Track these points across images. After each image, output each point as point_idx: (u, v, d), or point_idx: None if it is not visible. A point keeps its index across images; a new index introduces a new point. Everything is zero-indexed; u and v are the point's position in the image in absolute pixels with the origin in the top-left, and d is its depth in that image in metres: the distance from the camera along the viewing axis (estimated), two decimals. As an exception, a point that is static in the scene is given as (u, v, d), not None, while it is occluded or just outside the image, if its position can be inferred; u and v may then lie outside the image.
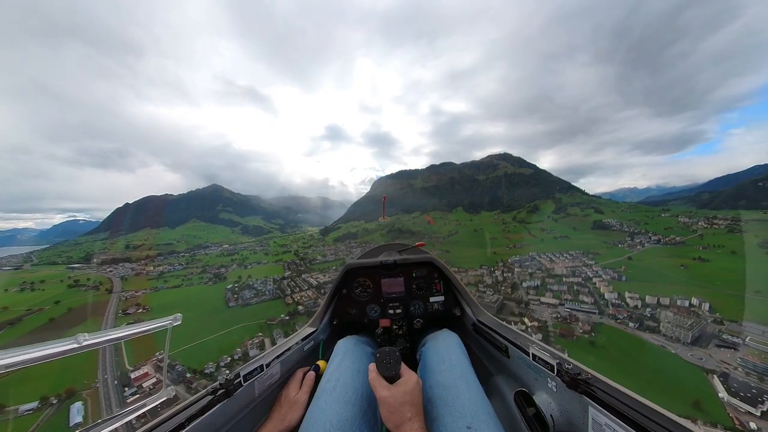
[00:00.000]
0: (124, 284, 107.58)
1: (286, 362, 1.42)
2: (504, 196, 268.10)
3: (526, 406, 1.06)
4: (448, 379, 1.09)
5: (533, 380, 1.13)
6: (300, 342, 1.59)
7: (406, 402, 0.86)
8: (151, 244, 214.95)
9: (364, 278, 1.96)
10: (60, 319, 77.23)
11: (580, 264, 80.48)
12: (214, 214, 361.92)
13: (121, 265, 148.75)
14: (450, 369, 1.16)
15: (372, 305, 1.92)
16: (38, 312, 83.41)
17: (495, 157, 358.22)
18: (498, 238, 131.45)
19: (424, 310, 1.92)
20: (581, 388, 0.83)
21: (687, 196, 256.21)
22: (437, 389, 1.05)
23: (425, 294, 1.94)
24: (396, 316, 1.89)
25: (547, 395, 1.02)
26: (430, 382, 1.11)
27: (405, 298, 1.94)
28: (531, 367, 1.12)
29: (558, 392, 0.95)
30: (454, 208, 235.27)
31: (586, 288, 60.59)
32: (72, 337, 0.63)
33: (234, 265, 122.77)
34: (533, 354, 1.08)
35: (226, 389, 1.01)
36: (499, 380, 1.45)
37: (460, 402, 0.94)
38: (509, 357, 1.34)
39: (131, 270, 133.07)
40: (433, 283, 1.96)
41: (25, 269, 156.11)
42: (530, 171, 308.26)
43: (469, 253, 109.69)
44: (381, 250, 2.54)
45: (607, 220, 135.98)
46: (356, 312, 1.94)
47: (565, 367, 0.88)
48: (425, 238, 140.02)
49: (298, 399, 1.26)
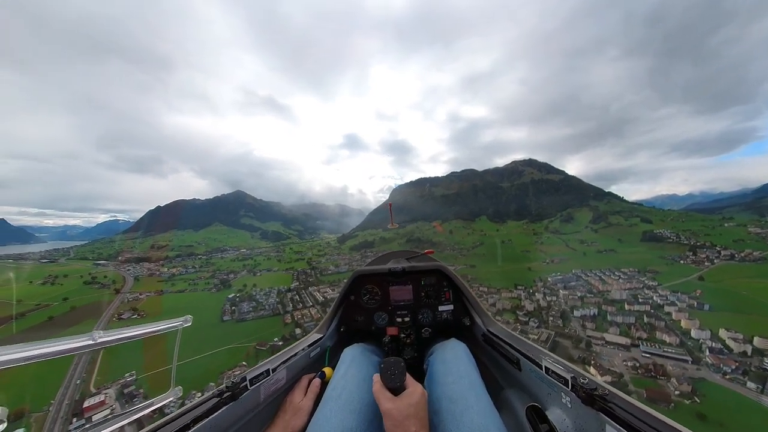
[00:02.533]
0: (135, 285, 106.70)
1: (292, 368, 1.41)
2: (532, 204, 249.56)
3: (538, 422, 1.01)
4: (456, 391, 1.04)
5: (546, 395, 1.07)
6: (306, 348, 1.57)
7: (410, 415, 0.82)
8: (173, 246, 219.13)
9: (372, 285, 1.93)
10: (58, 318, 74.90)
11: (640, 285, 66.07)
12: (236, 219, 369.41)
13: (140, 264, 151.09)
14: (458, 381, 1.11)
15: (380, 313, 1.90)
16: (45, 308, 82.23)
17: (519, 163, 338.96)
18: (531, 252, 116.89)
19: (433, 319, 1.88)
20: (598, 405, 0.78)
21: (742, 203, 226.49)
22: (444, 401, 1.00)
23: (434, 302, 1.90)
24: (404, 324, 1.86)
25: (561, 411, 0.97)
26: (437, 394, 1.07)
27: (413, 306, 1.90)
28: (544, 381, 1.07)
29: (573, 408, 0.91)
30: (477, 217, 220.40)
31: (661, 321, 47.13)
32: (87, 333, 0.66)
33: (244, 271, 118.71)
34: (546, 367, 1.04)
35: (232, 392, 1.01)
36: (509, 394, 1.39)
37: (468, 416, 0.90)
38: (521, 370, 1.29)
39: (147, 270, 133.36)
40: (442, 292, 1.92)
41: (59, 263, 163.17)
42: (559, 177, 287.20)
43: (498, 268, 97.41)
44: (389, 257, 2.45)
45: (659, 230, 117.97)
46: (363, 319, 1.91)
47: (580, 382, 0.85)
48: (447, 249, 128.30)
49: (303, 406, 1.25)
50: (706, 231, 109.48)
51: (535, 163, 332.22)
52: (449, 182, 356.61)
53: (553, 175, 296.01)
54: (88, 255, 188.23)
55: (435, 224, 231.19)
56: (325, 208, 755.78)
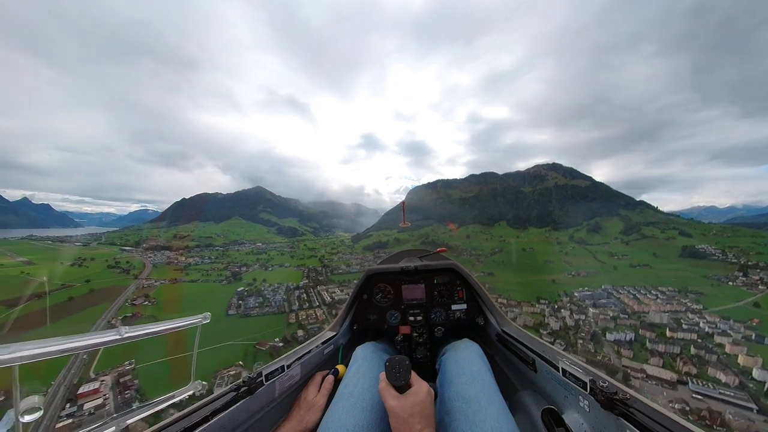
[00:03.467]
0: (152, 271, 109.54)
1: (306, 364, 1.44)
2: (555, 211, 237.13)
3: (554, 425, 0.98)
4: (468, 392, 1.03)
5: (563, 398, 1.05)
6: (320, 345, 1.60)
7: (415, 413, 0.83)
8: (194, 236, 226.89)
9: (384, 284, 1.94)
10: (77, 299, 77.85)
11: (682, 308, 58.95)
12: (255, 214, 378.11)
13: (161, 252, 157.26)
14: (471, 381, 1.10)
15: (392, 312, 1.90)
16: (68, 288, 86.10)
17: (543, 167, 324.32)
18: (555, 262, 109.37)
19: (446, 318, 1.87)
20: (618, 410, 0.75)
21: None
22: (457, 402, 1.00)
23: (447, 301, 1.90)
24: (416, 323, 1.86)
25: (578, 415, 0.95)
26: (450, 394, 1.07)
27: (426, 305, 1.90)
28: (560, 384, 1.05)
29: (591, 412, 0.88)
30: (496, 222, 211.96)
31: (713, 354, 40.83)
32: (115, 329, 0.72)
33: (256, 265, 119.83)
34: (563, 369, 1.02)
35: (248, 387, 1.04)
36: (524, 396, 1.37)
37: (481, 417, 0.89)
38: (536, 371, 1.27)
39: (166, 258, 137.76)
40: (456, 291, 1.91)
41: (90, 246, 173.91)
42: (586, 183, 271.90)
43: (519, 278, 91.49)
44: (402, 256, 2.45)
45: (701, 245, 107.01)
46: (376, 318, 1.91)
47: (599, 385, 0.82)
48: (464, 254, 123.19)
49: (317, 402, 1.28)
50: (758, 248, 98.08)
51: (559, 168, 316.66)
52: (468, 185, 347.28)
53: (579, 181, 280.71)
54: (116, 241, 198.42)
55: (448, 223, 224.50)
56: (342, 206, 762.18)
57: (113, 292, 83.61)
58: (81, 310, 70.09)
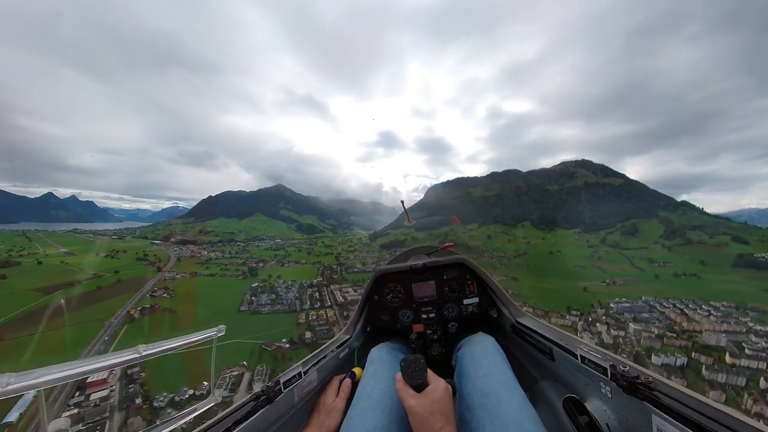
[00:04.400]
0: (176, 264, 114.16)
1: (322, 369, 1.44)
2: (585, 211, 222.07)
3: (577, 414, 0.97)
4: (487, 386, 1.03)
5: (584, 385, 1.04)
6: (335, 349, 1.60)
7: (435, 411, 0.83)
8: (218, 231, 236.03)
9: (394, 284, 1.93)
10: (104, 289, 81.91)
11: (742, 328, 51.02)
12: (276, 211, 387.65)
13: (186, 246, 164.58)
14: (489, 374, 1.10)
15: (404, 311, 1.90)
16: (98, 278, 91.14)
17: (571, 164, 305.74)
18: (587, 268, 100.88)
19: (459, 313, 1.87)
20: (641, 394, 0.74)
21: None
22: (476, 396, 0.99)
23: (458, 296, 1.90)
24: (429, 320, 1.86)
25: (600, 402, 0.94)
26: (468, 389, 1.06)
27: (437, 301, 1.90)
28: (580, 371, 1.04)
29: (614, 398, 0.87)
30: (519, 223, 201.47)
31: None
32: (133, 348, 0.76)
33: (273, 261, 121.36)
34: (582, 356, 1.01)
35: (267, 396, 1.04)
36: (544, 386, 1.37)
37: (502, 410, 0.89)
38: (554, 360, 1.26)
39: (190, 252, 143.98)
40: (466, 285, 1.91)
41: (125, 240, 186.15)
42: (619, 181, 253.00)
43: (546, 284, 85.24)
44: (410, 254, 2.44)
45: (760, 254, 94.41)
46: (389, 318, 1.91)
47: (620, 370, 0.81)
48: (485, 256, 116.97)
49: (336, 406, 1.28)
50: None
51: (589, 165, 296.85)
52: (489, 183, 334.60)
53: (611, 179, 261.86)
54: (148, 235, 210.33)
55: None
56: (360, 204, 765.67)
57: (137, 283, 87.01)
58: (105, 300, 72.90)
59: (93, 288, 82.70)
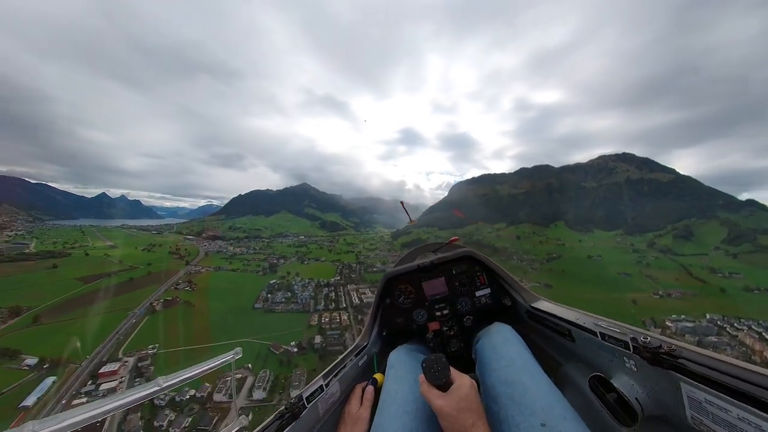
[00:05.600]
0: (203, 259, 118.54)
1: (343, 380, 1.43)
2: (628, 210, 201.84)
3: (605, 392, 0.95)
4: (510, 375, 1.02)
5: (608, 362, 1.03)
6: (354, 358, 1.59)
7: (463, 408, 0.81)
8: (246, 228, 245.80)
9: (404, 285, 1.93)
10: (136, 280, 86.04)
11: None
12: (300, 208, 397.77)
13: (215, 241, 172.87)
14: (511, 363, 1.09)
15: (418, 310, 1.88)
16: (133, 270, 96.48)
17: (610, 159, 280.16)
18: (633, 276, 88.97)
19: (472, 306, 1.86)
20: (667, 363, 0.72)
21: None
22: (500, 387, 0.99)
23: (470, 289, 1.88)
24: (444, 317, 1.84)
25: (627, 377, 0.92)
26: (491, 381, 1.05)
27: (449, 297, 1.89)
28: (602, 348, 1.03)
29: (639, 372, 0.86)
30: (552, 223, 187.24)
31: None
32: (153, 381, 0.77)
33: (294, 257, 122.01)
34: (601, 333, 0.99)
35: (292, 412, 1.04)
36: (568, 368, 1.36)
37: (528, 398, 0.88)
38: (574, 341, 1.24)
39: (218, 247, 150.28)
40: (476, 277, 1.90)
41: (163, 235, 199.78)
42: (668, 177, 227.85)
43: (587, 294, 76.50)
44: (416, 254, 2.42)
45: None
46: (403, 320, 1.89)
47: (641, 342, 0.79)
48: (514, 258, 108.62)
49: (361, 415, 1.27)
50: None
51: (631, 159, 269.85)
52: (518, 179, 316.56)
53: (658, 174, 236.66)
54: (183, 230, 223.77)
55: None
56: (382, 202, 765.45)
57: (165, 276, 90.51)
58: (135, 290, 76.51)
59: (126, 279, 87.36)
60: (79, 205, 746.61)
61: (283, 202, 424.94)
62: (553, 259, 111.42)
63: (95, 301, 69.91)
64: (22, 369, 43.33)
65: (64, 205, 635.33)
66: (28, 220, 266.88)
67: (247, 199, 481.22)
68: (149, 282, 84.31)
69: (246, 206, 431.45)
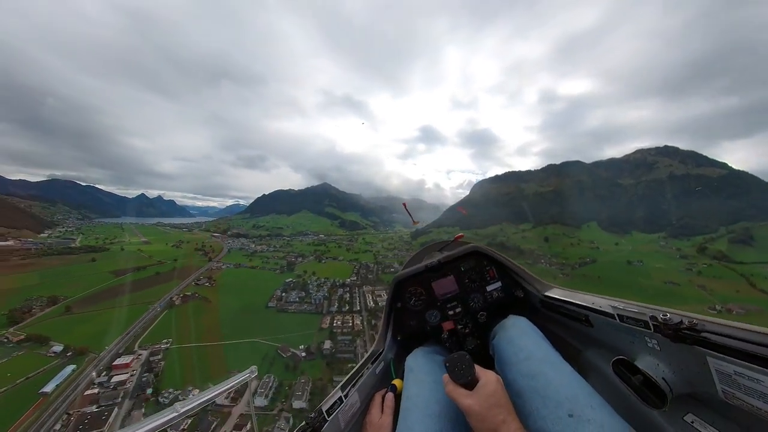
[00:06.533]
0: (225, 256, 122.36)
1: (362, 389, 1.41)
2: (672, 210, 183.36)
3: (630, 375, 0.93)
4: (531, 368, 1.00)
5: (629, 344, 1.00)
6: (370, 366, 1.56)
7: (492, 405, 0.79)
8: (268, 226, 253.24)
9: (414, 287, 1.91)
10: (162, 274, 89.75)
11: None
12: (321, 208, 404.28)
13: (239, 239, 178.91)
14: (530, 356, 1.07)
15: (430, 311, 1.86)
16: (160, 265, 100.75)
17: (649, 153, 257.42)
18: (682, 286, 78.75)
19: (484, 302, 1.84)
20: (690, 339, 0.69)
21: None
22: (522, 380, 0.97)
23: (480, 285, 1.87)
24: (457, 315, 1.83)
25: (651, 357, 0.90)
26: (513, 375, 1.03)
27: (461, 294, 1.87)
28: (622, 330, 1.00)
29: (663, 350, 0.83)
30: (584, 223, 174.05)
31: None
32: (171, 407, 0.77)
33: (312, 256, 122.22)
34: (619, 315, 0.97)
35: (313, 427, 1.03)
36: (588, 355, 1.33)
37: (552, 389, 0.86)
38: (593, 326, 1.22)
39: (241, 244, 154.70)
40: (486, 272, 1.88)
41: (192, 232, 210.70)
42: (720, 173, 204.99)
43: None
44: (422, 254, 2.40)
45: None
46: (416, 322, 1.87)
47: (661, 319, 0.77)
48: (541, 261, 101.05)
49: (383, 423, 1.23)
50: None
51: (674, 152, 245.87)
52: (545, 177, 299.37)
53: (707, 169, 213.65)
54: (211, 228, 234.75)
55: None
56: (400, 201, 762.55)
57: (188, 272, 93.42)
58: (159, 285, 79.41)
59: (152, 273, 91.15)
60: (121, 205, 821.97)
61: (305, 201, 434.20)
62: (587, 264, 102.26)
63: (122, 293, 73.33)
64: (48, 355, 45.30)
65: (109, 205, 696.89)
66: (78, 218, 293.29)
67: (270, 199, 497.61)
68: (173, 277, 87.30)
69: (270, 205, 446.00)
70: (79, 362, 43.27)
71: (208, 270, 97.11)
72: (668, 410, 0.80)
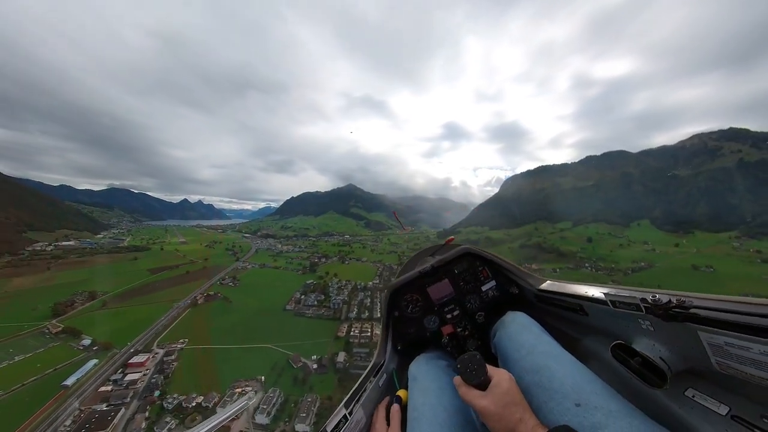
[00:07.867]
0: (252, 256, 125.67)
1: (366, 404, 1.39)
2: (745, 204, 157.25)
3: (629, 358, 0.96)
4: (534, 362, 1.01)
5: (624, 328, 1.03)
6: (372, 379, 1.55)
7: (509, 403, 0.77)
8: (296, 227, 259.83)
9: (409, 294, 1.91)
10: (192, 273, 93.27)
11: None
12: (347, 209, 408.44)
13: (267, 239, 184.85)
14: (531, 351, 1.08)
15: (428, 317, 1.87)
16: (191, 264, 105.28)
17: (710, 138, 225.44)
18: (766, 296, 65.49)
19: (481, 302, 1.86)
20: (680, 316, 0.71)
21: None
22: (527, 376, 0.98)
23: (475, 285, 1.88)
24: (455, 318, 1.83)
25: (647, 338, 0.93)
26: (517, 371, 1.03)
27: (457, 297, 1.88)
28: (616, 316, 1.03)
29: (657, 331, 0.86)
30: (634, 221, 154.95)
31: None
32: None
33: (335, 257, 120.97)
34: (612, 301, 1.00)
35: None
36: (587, 342, 1.36)
37: (557, 381, 0.87)
38: (588, 314, 1.25)
39: (268, 245, 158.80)
40: (479, 272, 1.90)
41: (226, 233, 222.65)
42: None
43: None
44: (415, 261, 2.45)
45: None
46: (415, 329, 1.87)
47: (651, 301, 0.79)
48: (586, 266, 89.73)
49: None
50: None
51: (744, 135, 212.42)
52: (584, 170, 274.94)
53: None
54: (243, 229, 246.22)
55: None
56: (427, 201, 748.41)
57: (216, 271, 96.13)
58: (187, 283, 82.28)
59: (183, 272, 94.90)
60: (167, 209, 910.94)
61: (331, 202, 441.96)
62: (642, 269, 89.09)
63: (153, 291, 76.46)
64: (78, 348, 46.92)
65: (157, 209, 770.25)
66: (130, 221, 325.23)
67: (298, 201, 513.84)
68: (201, 276, 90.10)
69: (298, 207, 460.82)
70: (102, 357, 44.23)
71: (234, 270, 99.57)
72: (669, 388, 0.82)
